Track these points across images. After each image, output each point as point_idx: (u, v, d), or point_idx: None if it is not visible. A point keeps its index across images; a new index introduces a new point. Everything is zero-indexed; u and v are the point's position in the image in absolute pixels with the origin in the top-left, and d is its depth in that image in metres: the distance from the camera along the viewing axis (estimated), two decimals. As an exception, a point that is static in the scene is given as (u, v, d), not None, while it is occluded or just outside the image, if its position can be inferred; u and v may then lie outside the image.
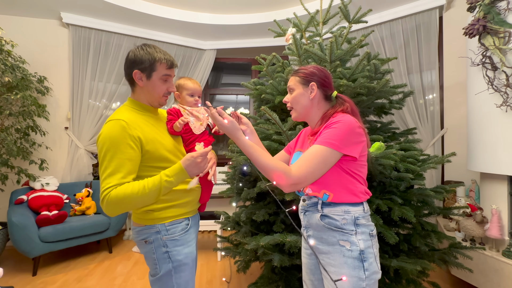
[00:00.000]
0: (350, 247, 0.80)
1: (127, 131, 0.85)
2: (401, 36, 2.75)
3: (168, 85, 0.98)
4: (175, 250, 0.93)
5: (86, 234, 2.44)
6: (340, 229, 0.81)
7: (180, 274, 0.93)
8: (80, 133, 3.00)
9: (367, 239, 0.81)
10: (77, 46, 2.94)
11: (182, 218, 0.98)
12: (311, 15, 1.81)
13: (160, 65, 0.93)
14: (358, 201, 0.83)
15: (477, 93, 1.83)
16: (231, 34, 3.38)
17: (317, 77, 0.92)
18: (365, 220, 0.83)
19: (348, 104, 0.90)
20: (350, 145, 0.79)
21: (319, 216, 0.85)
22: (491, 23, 1.66)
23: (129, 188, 0.82)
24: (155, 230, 0.92)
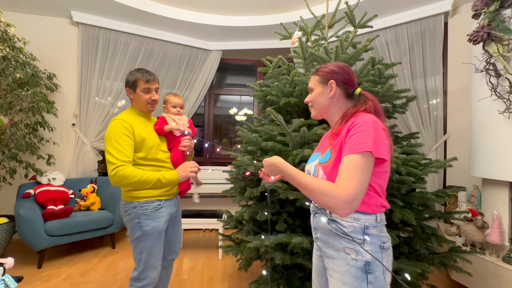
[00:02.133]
0: (355, 256, 0.75)
1: (124, 125, 1.21)
2: (406, 41, 2.77)
3: (149, 95, 1.32)
4: (145, 222, 1.23)
5: (90, 229, 2.48)
6: (347, 236, 0.77)
7: (147, 241, 1.24)
8: (87, 130, 3.05)
9: (377, 251, 0.76)
10: (86, 44, 3.00)
11: (155, 199, 1.26)
12: (317, 19, 1.84)
13: (140, 82, 1.30)
14: (370, 212, 0.77)
15: (480, 99, 1.84)
16: (237, 35, 3.42)
17: (337, 74, 0.88)
18: (377, 231, 0.77)
19: (371, 103, 0.85)
20: (380, 147, 0.74)
21: (327, 220, 0.83)
22: (496, 31, 1.67)
23: (135, 171, 1.17)
24: (133, 205, 1.24)
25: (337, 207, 0.70)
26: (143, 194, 1.24)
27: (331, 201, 0.70)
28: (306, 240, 1.23)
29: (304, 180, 0.76)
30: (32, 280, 2.04)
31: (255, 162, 1.46)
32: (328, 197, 0.71)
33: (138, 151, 1.26)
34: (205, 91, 3.57)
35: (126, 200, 1.26)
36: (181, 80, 3.48)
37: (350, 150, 0.74)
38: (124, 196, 1.27)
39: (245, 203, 1.88)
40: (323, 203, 0.72)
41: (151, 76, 1.31)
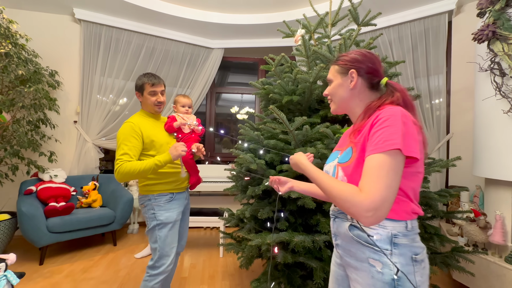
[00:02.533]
0: (381, 269, 0.65)
1: (133, 128, 1.33)
2: (409, 40, 2.75)
3: (155, 97, 1.43)
4: (159, 212, 1.37)
5: (91, 226, 2.48)
6: (371, 246, 0.67)
7: (161, 230, 1.36)
8: (89, 127, 3.05)
9: (408, 263, 0.65)
10: (88, 41, 3.00)
11: (167, 192, 1.41)
12: (320, 17, 1.83)
13: (146, 86, 1.41)
14: (398, 219, 0.67)
15: (485, 98, 1.83)
16: (239, 33, 3.41)
17: (359, 63, 0.77)
18: (407, 240, 0.67)
19: (400, 94, 0.73)
20: (411, 144, 0.63)
21: (348, 225, 0.73)
22: (501, 29, 1.66)
23: (133, 164, 1.25)
24: (148, 198, 1.38)
25: (359, 215, 0.60)
26: (157, 188, 1.38)
27: (352, 208, 0.61)
28: (308, 239, 1.23)
29: (325, 183, 0.68)
30: (33, 277, 2.05)
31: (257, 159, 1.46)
32: (349, 203, 0.62)
33: (149, 150, 1.37)
34: (206, 90, 3.56)
35: (142, 193, 1.40)
36: (182, 78, 3.47)
37: (375, 148, 0.63)
38: (141, 190, 1.41)
39: (247, 201, 1.88)
40: (345, 210, 0.63)
41: (156, 79, 1.41)
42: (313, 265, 1.29)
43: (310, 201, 1.29)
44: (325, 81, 1.51)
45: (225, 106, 4.13)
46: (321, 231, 1.30)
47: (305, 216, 1.51)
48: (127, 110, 3.25)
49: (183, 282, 2.04)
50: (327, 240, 1.25)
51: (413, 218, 0.69)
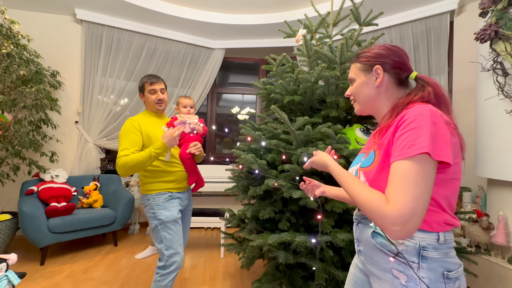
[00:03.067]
0: (405, 283, 0.59)
1: (133, 124, 1.39)
2: (411, 40, 2.74)
3: (155, 95, 1.47)
4: (159, 212, 1.37)
5: (92, 227, 2.48)
6: (395, 256, 0.61)
7: (164, 229, 1.36)
8: (90, 128, 3.06)
9: (438, 280, 0.58)
10: (89, 42, 3.00)
11: (165, 191, 1.41)
12: (322, 17, 1.83)
13: (146, 85, 1.47)
14: (429, 230, 0.60)
15: (487, 98, 1.82)
16: (240, 33, 3.41)
17: (384, 58, 0.70)
18: (439, 254, 0.59)
19: (431, 88, 0.66)
20: (442, 147, 0.56)
21: (371, 232, 0.68)
22: (503, 29, 1.65)
23: (130, 157, 1.28)
24: (147, 198, 1.41)
25: (386, 228, 0.55)
26: (154, 187, 1.40)
27: (379, 220, 0.55)
28: (310, 239, 1.22)
29: (351, 188, 0.62)
30: (35, 277, 2.04)
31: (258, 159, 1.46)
32: (375, 214, 0.56)
33: (147, 146, 1.39)
34: (207, 90, 3.56)
35: (142, 193, 1.43)
36: (183, 79, 3.48)
37: (400, 154, 0.57)
38: (142, 190, 1.44)
39: (248, 201, 1.87)
40: (372, 220, 0.58)
41: (155, 78, 1.47)
42: (315, 265, 1.29)
43: (312, 201, 1.29)
44: (326, 80, 1.50)
45: (226, 107, 4.13)
46: (323, 231, 1.30)
47: (307, 217, 1.51)
48: (128, 111, 3.25)
49: (184, 283, 2.03)
50: (329, 241, 1.24)
51: (447, 230, 0.61)
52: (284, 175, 1.43)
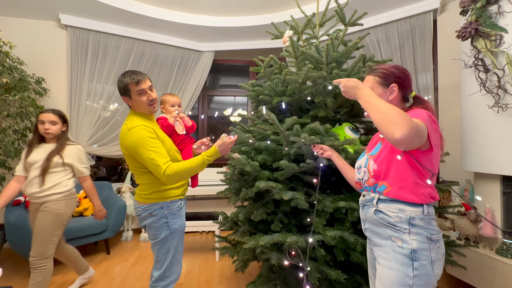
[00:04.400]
0: (401, 244, 0.80)
1: (147, 129, 1.19)
2: (397, 39, 2.80)
3: (146, 95, 1.25)
4: (173, 221, 1.28)
5: (83, 235, 2.43)
6: (392, 226, 0.83)
7: (174, 239, 1.28)
8: (78, 135, 3.00)
9: (423, 241, 0.79)
10: (75, 47, 2.95)
11: (178, 198, 1.32)
12: (308, 18, 1.84)
13: (130, 86, 1.22)
14: (418, 202, 0.81)
15: (470, 94, 1.87)
16: (229, 36, 3.41)
17: (398, 78, 0.90)
18: (423, 223, 0.81)
19: (428, 105, 0.91)
20: (433, 127, 0.79)
21: (374, 210, 0.88)
22: (483, 26, 1.70)
23: (183, 164, 1.18)
24: (159, 206, 1.26)
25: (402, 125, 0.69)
26: (169, 194, 1.28)
27: (403, 117, 0.70)
28: (302, 239, 1.23)
29: (381, 102, 0.76)
30: (24, 290, 1.99)
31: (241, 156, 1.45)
32: (402, 115, 0.71)
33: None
34: (198, 93, 3.55)
35: (150, 202, 1.26)
36: (173, 82, 3.45)
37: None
38: (146, 199, 1.26)
39: (241, 204, 1.87)
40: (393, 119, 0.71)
41: (139, 76, 1.22)
42: (308, 265, 1.29)
43: (303, 202, 1.29)
44: (314, 81, 1.52)
45: (218, 109, 4.12)
46: (314, 231, 1.30)
47: (299, 217, 1.51)
48: (118, 116, 3.21)
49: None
50: (320, 240, 1.25)
51: (430, 202, 0.83)
52: (279, 174, 1.43)
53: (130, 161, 1.26)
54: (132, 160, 1.24)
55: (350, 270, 1.39)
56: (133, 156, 1.21)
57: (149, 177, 1.25)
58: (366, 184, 0.94)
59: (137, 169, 1.26)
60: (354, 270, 1.40)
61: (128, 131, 1.19)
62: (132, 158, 1.24)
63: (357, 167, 1.00)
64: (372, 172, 0.90)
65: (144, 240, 3.07)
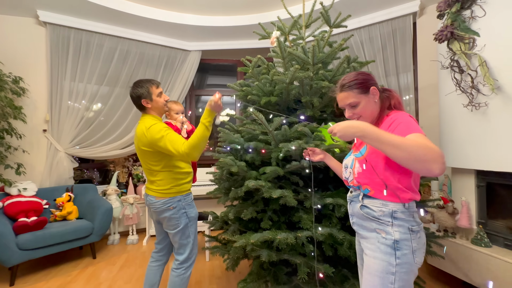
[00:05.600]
0: (385, 236, 0.86)
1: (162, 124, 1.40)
2: (379, 40, 2.90)
3: (163, 97, 1.50)
4: (190, 210, 1.50)
5: (67, 240, 2.35)
6: (377, 219, 0.89)
7: (192, 226, 1.51)
8: (60, 136, 2.89)
9: (405, 232, 0.85)
10: (55, 45, 2.84)
11: (189, 192, 1.54)
12: (294, 19, 1.88)
13: (152, 89, 1.46)
14: (396, 201, 0.87)
15: (447, 94, 1.97)
16: (216, 35, 3.40)
17: (369, 80, 0.96)
18: (404, 215, 0.86)
19: (393, 93, 0.98)
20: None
21: (359, 206, 0.94)
22: (458, 30, 1.80)
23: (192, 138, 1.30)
24: (177, 199, 1.46)
25: (436, 161, 0.70)
26: (185, 188, 1.50)
27: (430, 153, 0.71)
28: (291, 236, 1.26)
29: (396, 137, 0.75)
30: (4, 299, 1.90)
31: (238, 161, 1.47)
32: (426, 150, 0.71)
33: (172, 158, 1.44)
34: (185, 92, 3.51)
35: (169, 196, 1.45)
36: (160, 81, 3.39)
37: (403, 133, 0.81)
38: (165, 194, 1.44)
39: (230, 203, 1.88)
40: (421, 157, 0.71)
41: (157, 81, 1.51)
42: (297, 261, 1.33)
43: (291, 199, 1.32)
44: (301, 81, 1.55)
45: (205, 109, 4.09)
46: (303, 227, 1.34)
47: (288, 214, 1.54)
48: (102, 116, 3.12)
49: (169, 290, 1.99)
50: (309, 236, 1.29)
51: (410, 201, 0.89)
52: (265, 177, 1.46)
53: (148, 160, 1.43)
54: (151, 157, 1.41)
55: (337, 264, 1.44)
56: (154, 150, 1.37)
57: (167, 174, 1.43)
58: (351, 183, 0.99)
59: (155, 166, 1.43)
60: (341, 264, 1.45)
61: (147, 130, 1.36)
62: (150, 156, 1.41)
63: (344, 166, 1.04)
64: (356, 174, 0.95)
65: (131, 243, 3.01)
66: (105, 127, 3.12)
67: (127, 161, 3.49)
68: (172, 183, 1.44)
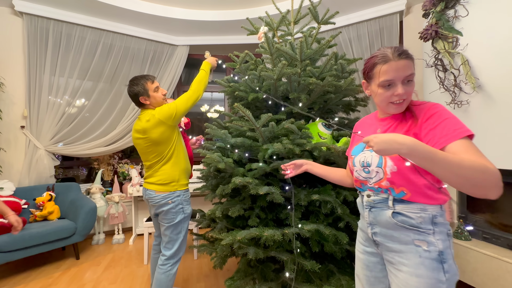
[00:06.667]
0: (427, 248, 0.73)
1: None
2: (367, 38, 2.92)
3: (160, 91, 1.54)
4: (186, 207, 1.57)
5: (48, 241, 2.26)
6: (415, 228, 0.75)
7: (186, 222, 1.58)
8: (39, 133, 2.76)
9: (445, 239, 0.74)
10: (33, 37, 2.69)
11: (187, 188, 1.61)
12: (283, 15, 1.86)
13: (148, 85, 1.50)
14: (435, 203, 0.75)
15: (431, 92, 2.02)
16: (204, 30, 3.33)
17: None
18: (443, 219, 0.76)
19: None
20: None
21: (391, 213, 0.78)
22: (442, 29, 1.84)
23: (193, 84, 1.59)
24: (176, 194, 1.53)
25: (495, 185, 0.61)
26: (183, 182, 1.56)
27: (490, 178, 0.61)
28: (278, 232, 1.26)
29: (451, 158, 0.63)
30: (-21, 304, 1.81)
31: (225, 158, 1.45)
32: (486, 174, 0.61)
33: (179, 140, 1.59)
34: (173, 88, 3.43)
35: (169, 191, 1.51)
36: (146, 77, 3.30)
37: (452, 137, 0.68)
38: (165, 189, 1.51)
39: (219, 200, 1.86)
40: (480, 182, 0.61)
41: (152, 76, 1.54)
42: (284, 258, 1.33)
43: (278, 196, 1.32)
44: (289, 77, 1.54)
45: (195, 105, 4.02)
46: (290, 224, 1.34)
47: (275, 211, 1.54)
48: (86, 112, 3.00)
49: (156, 290, 1.96)
50: (296, 232, 1.29)
51: (445, 200, 0.78)
52: (252, 173, 1.44)
53: (150, 154, 1.50)
54: (152, 152, 1.49)
55: (324, 260, 1.45)
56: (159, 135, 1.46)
57: (167, 169, 1.51)
58: (375, 185, 0.82)
59: (156, 161, 1.50)
60: (327, 259, 1.46)
61: (147, 122, 1.44)
62: (152, 150, 1.48)
63: (361, 165, 0.86)
64: (389, 175, 0.78)
65: (117, 242, 2.94)
66: (88, 124, 3.01)
67: (112, 158, 3.39)
68: (172, 178, 1.51)
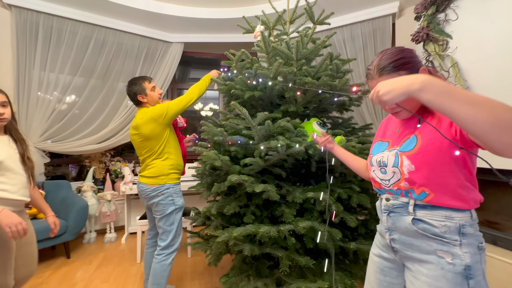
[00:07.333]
0: (452, 260, 0.65)
1: None
2: (361, 39, 2.97)
3: (157, 91, 1.66)
4: (177, 199, 1.63)
5: (38, 240, 2.21)
6: (439, 238, 0.67)
7: (178, 214, 1.63)
8: (29, 129, 2.70)
9: (475, 252, 0.65)
10: (22, 31, 2.62)
11: (178, 182, 1.69)
12: (279, 14, 1.87)
13: (145, 84, 1.62)
14: (466, 208, 0.67)
15: (422, 93, 2.07)
16: (199, 27, 3.31)
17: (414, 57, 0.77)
18: (473, 229, 0.67)
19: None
20: None
21: (411, 220, 0.71)
22: (433, 32, 1.89)
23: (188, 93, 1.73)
24: (166, 187, 1.60)
25: None
26: (173, 176, 1.64)
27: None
28: (273, 229, 1.27)
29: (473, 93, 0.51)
30: (-35, 304, 1.76)
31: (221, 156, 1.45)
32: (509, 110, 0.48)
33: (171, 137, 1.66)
34: (167, 86, 3.40)
35: (159, 183, 1.59)
36: (140, 74, 3.26)
37: None
38: (154, 182, 1.59)
39: (214, 198, 1.86)
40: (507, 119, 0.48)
41: (149, 77, 1.65)
42: (279, 254, 1.35)
43: (274, 194, 1.33)
44: (284, 76, 1.56)
45: (187, 103, 3.99)
46: (285, 221, 1.36)
47: (271, 208, 1.56)
48: (76, 109, 2.95)
49: None
50: (291, 229, 1.31)
51: (476, 206, 0.69)
52: (247, 169, 1.46)
53: (143, 149, 1.61)
54: (144, 147, 1.59)
55: (317, 256, 1.48)
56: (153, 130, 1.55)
57: (158, 164, 1.60)
58: (393, 187, 0.76)
59: (148, 155, 1.60)
60: (321, 256, 1.49)
61: (140, 119, 1.55)
62: (144, 145, 1.59)
63: (378, 164, 0.80)
64: (407, 175, 0.71)
65: (109, 241, 2.90)
66: (79, 120, 2.95)
67: (104, 156, 3.34)
68: (162, 172, 1.59)
